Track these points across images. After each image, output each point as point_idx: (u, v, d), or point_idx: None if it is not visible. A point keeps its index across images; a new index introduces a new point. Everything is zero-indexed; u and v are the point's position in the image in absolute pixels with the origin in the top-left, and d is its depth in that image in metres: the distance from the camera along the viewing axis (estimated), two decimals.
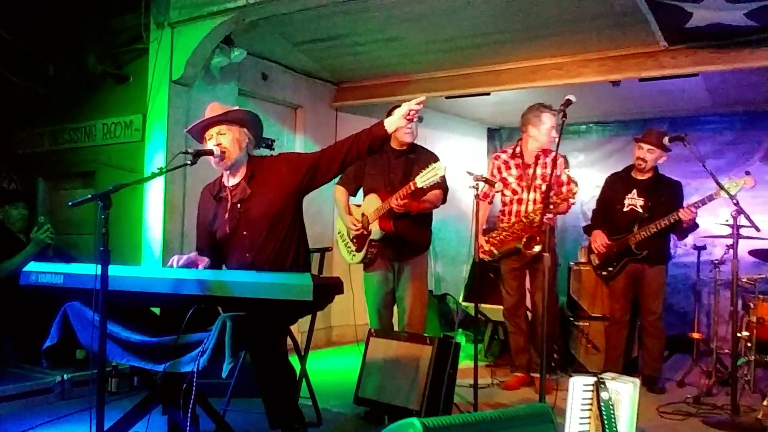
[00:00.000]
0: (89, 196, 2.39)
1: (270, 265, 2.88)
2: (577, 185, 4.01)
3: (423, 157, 4.09)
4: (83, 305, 2.61)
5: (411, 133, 4.14)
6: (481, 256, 4.37)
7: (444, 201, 4.21)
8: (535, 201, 4.32)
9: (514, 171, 4.42)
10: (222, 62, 4.66)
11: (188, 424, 2.35)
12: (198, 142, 3.08)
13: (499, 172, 4.47)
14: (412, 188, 3.72)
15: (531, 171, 4.37)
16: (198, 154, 2.82)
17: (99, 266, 2.35)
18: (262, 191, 2.94)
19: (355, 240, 4.22)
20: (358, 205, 4.28)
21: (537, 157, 4.38)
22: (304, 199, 3.07)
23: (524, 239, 4.20)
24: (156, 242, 4.56)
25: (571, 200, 4.02)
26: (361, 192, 4.34)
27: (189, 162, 2.79)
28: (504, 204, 4.49)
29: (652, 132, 4.45)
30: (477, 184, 3.68)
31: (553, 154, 4.37)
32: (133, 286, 2.49)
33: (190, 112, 4.69)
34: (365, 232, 4.14)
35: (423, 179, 3.60)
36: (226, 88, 4.97)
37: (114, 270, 2.44)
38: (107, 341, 2.47)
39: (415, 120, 4.11)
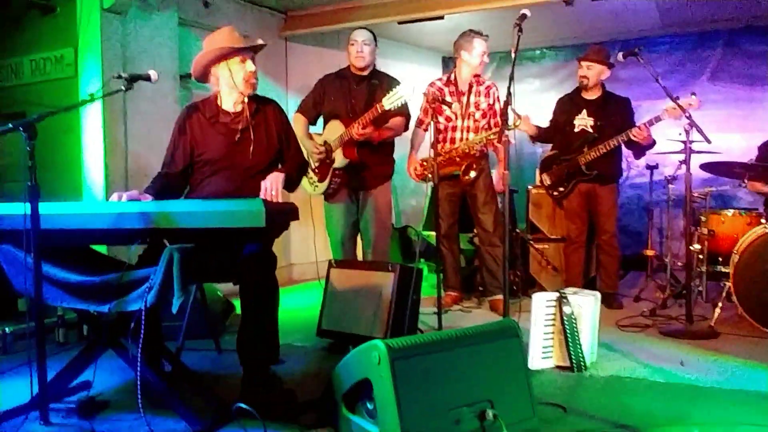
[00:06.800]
0: (9, 125, 2.17)
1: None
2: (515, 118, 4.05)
3: (385, 82, 4.01)
4: (14, 248, 2.41)
5: (362, 57, 4.04)
6: (414, 178, 4.51)
7: (406, 128, 4.12)
8: (468, 128, 4.36)
9: (448, 98, 4.35)
10: None
11: (138, 366, 2.21)
12: (204, 68, 2.94)
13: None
14: (379, 111, 3.66)
15: (465, 99, 4.38)
16: (133, 79, 2.61)
17: (28, 204, 2.18)
18: (262, 130, 2.97)
19: (317, 169, 4.09)
20: (319, 134, 4.13)
21: (470, 85, 4.42)
22: None
23: (463, 166, 4.22)
24: (98, 184, 4.30)
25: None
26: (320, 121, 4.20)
27: (123, 87, 2.58)
28: (438, 131, 4.39)
29: (592, 49, 4.50)
30: (435, 106, 3.69)
31: (487, 83, 4.46)
32: (69, 224, 2.30)
33: (127, 43, 4.38)
34: (328, 161, 4.00)
35: (390, 101, 3.56)
36: (164, 17, 4.65)
37: (46, 207, 2.26)
38: (44, 284, 2.30)
39: (368, 44, 4.02)
